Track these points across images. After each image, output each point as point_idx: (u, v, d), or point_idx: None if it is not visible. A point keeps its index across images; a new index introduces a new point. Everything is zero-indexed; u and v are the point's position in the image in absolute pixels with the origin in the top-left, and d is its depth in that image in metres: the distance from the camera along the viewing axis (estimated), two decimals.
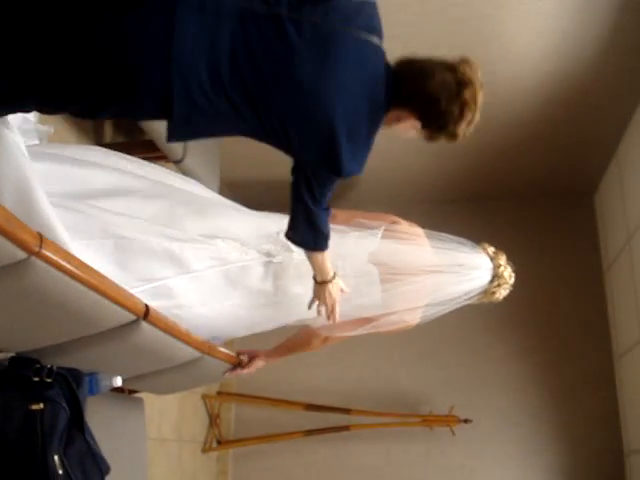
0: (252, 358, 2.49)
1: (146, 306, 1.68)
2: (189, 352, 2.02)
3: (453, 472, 5.24)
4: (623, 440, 5.05)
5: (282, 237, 2.22)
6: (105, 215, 1.97)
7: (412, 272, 2.41)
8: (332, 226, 2.20)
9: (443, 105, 1.93)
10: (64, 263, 1.31)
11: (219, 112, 1.76)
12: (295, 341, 2.53)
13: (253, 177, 5.51)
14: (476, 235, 5.61)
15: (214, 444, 5.28)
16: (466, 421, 4.98)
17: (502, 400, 5.24)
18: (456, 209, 5.77)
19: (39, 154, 2.00)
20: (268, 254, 2.35)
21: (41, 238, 1.25)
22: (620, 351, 5.09)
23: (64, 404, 1.72)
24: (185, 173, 3.80)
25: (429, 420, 5.11)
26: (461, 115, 1.98)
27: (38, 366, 1.74)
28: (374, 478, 5.31)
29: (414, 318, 2.45)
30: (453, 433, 5.10)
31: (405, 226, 2.59)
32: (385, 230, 2.48)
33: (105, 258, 1.89)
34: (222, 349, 2.25)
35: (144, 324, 1.70)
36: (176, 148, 3.56)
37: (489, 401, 5.25)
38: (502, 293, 2.61)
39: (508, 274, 2.62)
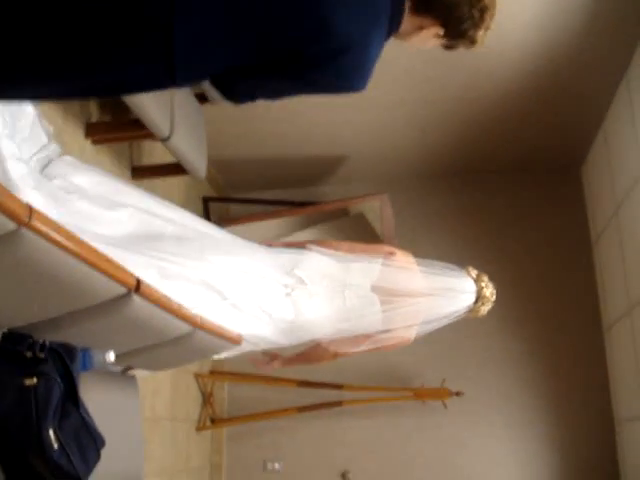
0: (273, 358, 2.96)
1: (137, 279, 1.68)
2: (181, 326, 2.02)
3: (445, 445, 5.29)
4: (613, 409, 5.10)
5: (297, 272, 2.69)
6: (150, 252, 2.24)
7: (408, 296, 2.79)
8: (338, 255, 2.78)
9: (465, 10, 1.95)
10: (54, 234, 1.31)
11: None
12: (310, 355, 2.93)
13: (241, 156, 5.50)
14: (464, 209, 5.65)
15: (208, 423, 5.30)
16: (458, 394, 5.02)
17: (493, 373, 5.29)
18: (444, 184, 5.78)
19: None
20: (286, 286, 2.69)
21: (30, 209, 1.24)
22: (609, 322, 5.13)
23: (58, 379, 1.72)
24: (172, 151, 3.79)
25: (421, 394, 5.15)
26: (481, 19, 2.01)
27: (31, 341, 1.73)
28: (367, 452, 5.35)
29: (410, 334, 2.83)
30: (445, 406, 5.14)
31: (400, 255, 2.91)
32: (383, 260, 2.82)
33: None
34: (214, 323, 2.25)
35: (135, 297, 1.70)
36: (163, 126, 3.53)
37: (480, 374, 5.30)
38: (485, 309, 3.00)
39: (490, 293, 2.99)
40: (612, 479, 5.00)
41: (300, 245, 2.88)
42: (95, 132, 3.74)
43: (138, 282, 1.68)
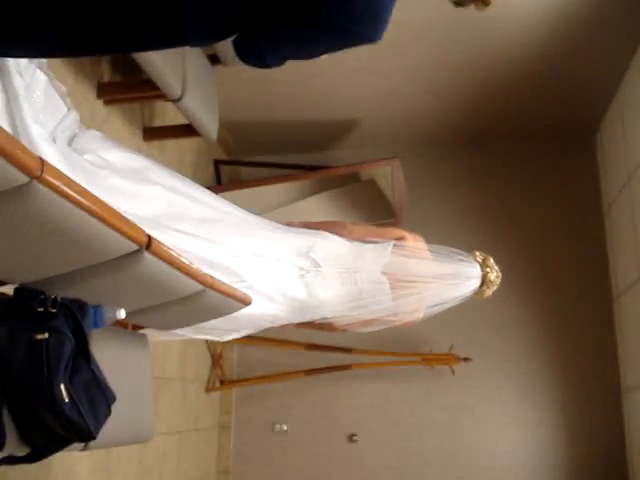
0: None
1: (148, 236, 1.68)
2: (192, 285, 2.02)
3: (453, 410, 5.33)
4: (621, 377, 5.12)
5: (312, 255, 2.84)
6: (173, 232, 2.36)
7: (416, 280, 2.91)
8: (351, 240, 2.93)
9: None
10: (66, 189, 1.30)
11: None
12: (322, 325, 3.03)
13: (252, 119, 5.48)
14: (476, 176, 5.62)
15: (217, 384, 5.36)
16: (465, 359, 5.05)
17: (501, 339, 5.30)
18: (456, 150, 5.75)
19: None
20: (301, 268, 2.83)
21: (42, 162, 1.24)
22: (619, 290, 5.13)
23: (69, 334, 1.73)
24: (184, 112, 3.78)
25: (429, 359, 5.18)
26: None
27: (42, 297, 1.74)
28: (375, 417, 5.40)
29: (418, 316, 3.00)
30: (453, 372, 5.17)
31: (410, 240, 3.03)
32: (394, 245, 2.95)
33: None
34: (225, 283, 2.26)
35: (147, 254, 1.70)
36: (174, 86, 3.52)
37: (488, 340, 5.31)
38: (490, 292, 3.14)
39: (494, 277, 3.12)
40: (617, 446, 5.03)
41: (317, 226, 3.01)
42: (107, 92, 3.73)
43: (149, 239, 1.68)
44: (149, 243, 1.68)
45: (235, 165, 5.92)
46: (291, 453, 5.46)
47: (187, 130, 4.15)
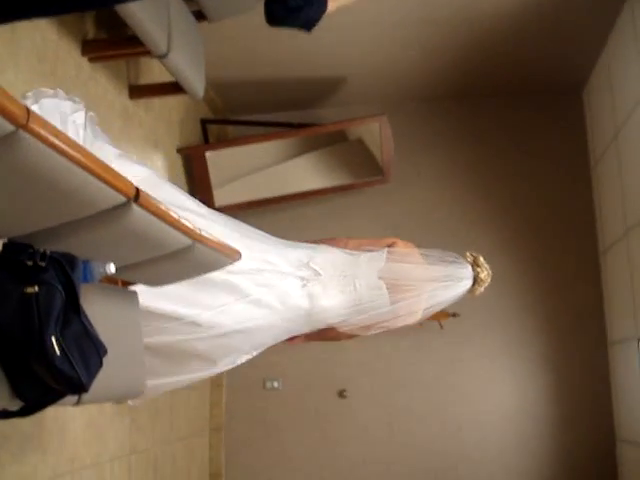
0: (294, 336, 3.21)
1: (136, 188, 1.67)
2: (180, 239, 2.02)
3: (441, 364, 5.39)
4: (607, 331, 5.18)
5: (312, 265, 3.04)
6: None
7: (412, 284, 3.09)
8: (346, 251, 3.14)
9: None
10: (52, 138, 1.30)
11: None
12: (327, 333, 3.20)
13: (239, 78, 5.43)
14: (464, 132, 5.62)
15: None
16: (454, 315, 5.09)
17: (489, 295, 5.28)
18: (444, 107, 5.74)
19: None
20: (303, 278, 3.03)
21: (28, 111, 1.23)
22: (605, 245, 5.17)
23: (59, 287, 1.73)
24: (170, 69, 3.74)
25: None
26: None
27: (31, 251, 1.74)
28: (364, 372, 5.46)
29: (415, 318, 3.17)
30: (441, 327, 5.22)
31: (401, 246, 3.21)
32: (388, 252, 3.13)
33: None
34: (214, 238, 2.26)
35: (135, 207, 1.70)
36: (160, 42, 3.48)
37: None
38: (482, 289, 3.27)
39: (485, 275, 3.24)
40: (603, 398, 5.11)
41: (315, 242, 3.23)
42: (91, 49, 3.69)
43: (137, 191, 1.68)
44: (137, 195, 1.68)
45: (222, 124, 5.89)
46: (283, 409, 5.52)
47: (173, 88, 4.11)
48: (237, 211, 5.54)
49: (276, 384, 5.52)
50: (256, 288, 2.93)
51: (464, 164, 5.65)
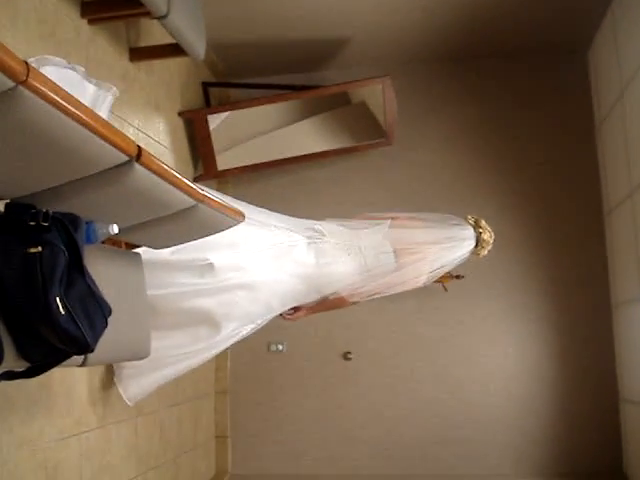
0: (296, 310, 3.36)
1: (138, 147, 1.66)
2: (184, 199, 2.02)
3: (445, 326, 5.40)
4: (611, 293, 5.18)
5: (317, 227, 3.24)
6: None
7: (417, 247, 3.19)
8: (350, 225, 3.29)
9: None
10: (52, 94, 1.28)
11: None
12: (332, 303, 3.34)
13: (241, 40, 5.37)
14: (468, 94, 5.56)
15: None
16: (458, 277, 5.09)
17: (493, 257, 5.29)
18: (447, 68, 5.68)
19: None
20: (310, 237, 3.20)
21: (28, 67, 1.22)
22: (610, 206, 5.14)
23: (62, 247, 1.72)
24: (170, 30, 3.70)
25: None
26: None
27: (34, 211, 1.73)
28: (369, 335, 5.47)
29: (421, 281, 3.27)
30: (445, 289, 5.22)
31: (404, 218, 3.33)
32: (390, 220, 3.27)
33: None
34: (217, 198, 2.25)
35: (137, 166, 1.69)
36: (159, 3, 3.44)
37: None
38: (485, 251, 3.35)
39: (488, 237, 3.33)
40: (607, 359, 5.13)
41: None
42: (91, 11, 3.64)
43: (140, 150, 1.66)
44: (139, 154, 1.67)
45: (224, 87, 5.83)
46: (287, 372, 5.55)
47: (174, 50, 4.08)
48: (240, 174, 5.52)
49: (280, 347, 5.54)
50: (264, 243, 3.11)
51: (468, 126, 5.60)
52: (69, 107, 1.35)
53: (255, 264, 3.08)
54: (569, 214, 5.38)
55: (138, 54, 4.20)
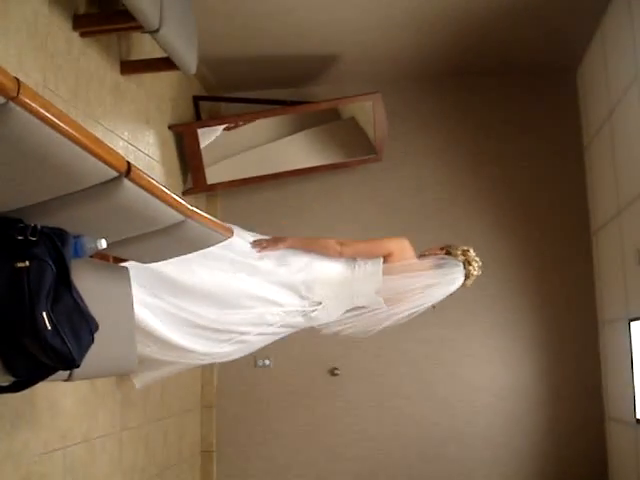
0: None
1: (128, 163, 1.66)
2: (172, 214, 2.02)
3: (432, 343, 5.40)
4: (598, 311, 5.20)
5: (311, 296, 3.20)
6: None
7: (407, 296, 3.26)
8: (341, 265, 3.24)
9: None
10: (42, 111, 1.28)
11: None
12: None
13: (232, 55, 5.39)
14: (457, 111, 5.59)
15: None
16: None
17: (483, 273, 5.35)
18: (437, 85, 5.71)
19: None
20: (304, 312, 3.23)
21: (19, 83, 1.22)
22: (597, 225, 5.17)
23: (50, 262, 1.72)
24: (162, 44, 3.71)
25: None
26: None
27: (22, 225, 1.73)
28: (356, 350, 5.46)
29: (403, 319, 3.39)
30: (434, 307, 5.21)
31: (397, 255, 3.25)
32: (384, 268, 3.22)
33: None
34: (205, 214, 2.25)
35: (126, 182, 1.69)
36: (152, 17, 3.44)
37: None
38: (471, 282, 3.41)
39: (475, 270, 3.36)
40: (594, 378, 5.14)
41: (308, 247, 3.28)
42: (83, 24, 3.65)
43: (129, 166, 1.66)
44: (129, 170, 1.67)
45: (214, 101, 5.84)
46: (274, 388, 5.53)
47: (165, 64, 4.08)
48: (229, 188, 5.53)
49: (267, 362, 5.52)
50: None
51: (456, 143, 5.63)
52: (59, 123, 1.35)
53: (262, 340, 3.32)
54: (557, 232, 5.41)
55: (129, 67, 4.21)
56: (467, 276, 3.35)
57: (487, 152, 5.58)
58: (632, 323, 4.34)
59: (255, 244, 3.23)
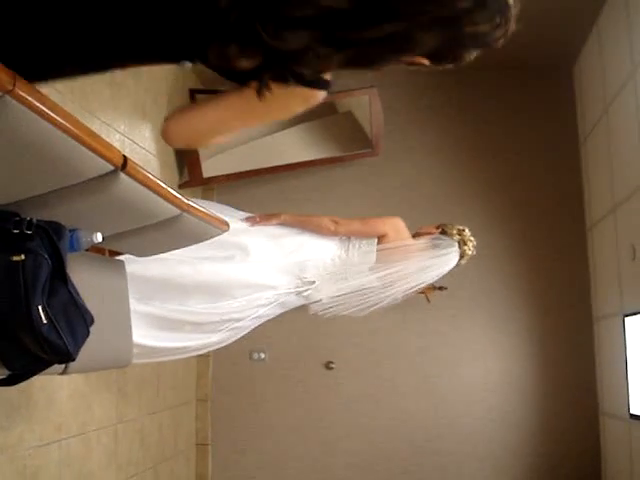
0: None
1: (124, 156, 1.66)
2: (168, 208, 2.01)
3: (428, 337, 5.42)
4: (592, 307, 5.22)
5: (305, 276, 3.12)
6: None
7: (402, 275, 3.18)
8: (335, 243, 3.19)
9: None
10: (38, 104, 1.28)
11: None
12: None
13: None
14: (454, 107, 5.58)
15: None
16: (441, 288, 5.10)
17: (476, 269, 5.33)
18: (434, 80, 5.69)
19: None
20: (298, 292, 3.16)
21: (15, 77, 1.21)
22: (592, 222, 5.19)
23: (46, 255, 1.71)
24: None
25: None
26: None
27: (17, 219, 1.72)
28: (351, 344, 5.48)
29: (398, 297, 3.27)
30: (428, 300, 5.23)
31: (392, 236, 3.23)
32: (378, 248, 3.19)
33: None
34: (202, 208, 2.25)
35: (122, 175, 1.68)
36: None
37: (464, 270, 5.34)
38: (466, 261, 3.38)
39: (471, 251, 3.34)
40: (588, 373, 5.16)
41: (302, 224, 3.23)
42: None
43: (125, 159, 1.66)
44: (125, 163, 1.66)
45: (211, 94, 5.82)
46: (269, 381, 5.54)
47: None
48: (225, 182, 5.52)
49: (262, 355, 5.53)
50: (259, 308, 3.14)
51: (453, 139, 5.64)
52: (56, 117, 1.34)
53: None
54: (552, 228, 5.42)
55: None
56: (462, 255, 3.33)
57: (483, 148, 5.58)
58: (627, 318, 4.36)
59: (248, 220, 3.19)
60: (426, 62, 1.51)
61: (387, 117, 5.41)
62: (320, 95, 1.60)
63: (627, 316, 4.36)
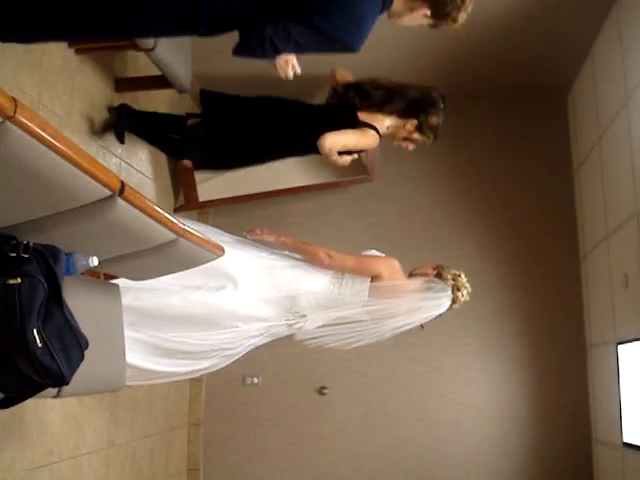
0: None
1: (122, 182, 1.68)
2: (164, 233, 2.03)
3: (420, 364, 5.42)
4: (586, 335, 5.22)
5: (297, 309, 3.14)
6: None
7: (393, 316, 3.21)
8: (328, 278, 3.19)
9: None
10: (39, 130, 1.30)
11: None
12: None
13: (226, 73, 5.41)
14: (449, 134, 5.63)
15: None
16: (422, 327, 5.09)
17: (472, 297, 5.37)
18: None
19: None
20: (289, 325, 3.19)
21: (16, 103, 1.23)
22: (586, 250, 5.21)
23: (42, 279, 1.72)
24: (156, 63, 3.74)
25: None
26: (463, 3, 2.69)
27: (14, 242, 1.74)
28: (344, 370, 5.47)
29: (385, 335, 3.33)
30: (422, 327, 5.22)
31: (386, 277, 3.20)
32: (371, 288, 3.18)
33: None
34: (198, 233, 2.27)
35: (120, 200, 1.70)
36: None
37: None
38: (458, 307, 3.38)
39: (464, 296, 3.34)
40: (581, 400, 5.16)
41: (297, 250, 3.28)
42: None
43: (123, 185, 1.68)
44: (122, 189, 1.68)
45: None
46: (262, 406, 5.52)
47: (160, 81, 4.11)
48: (221, 206, 5.54)
49: (256, 380, 5.52)
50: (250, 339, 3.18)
51: (447, 166, 5.67)
52: (55, 143, 1.36)
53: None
54: (546, 256, 5.44)
55: (123, 85, 4.24)
56: (454, 301, 3.32)
57: (477, 174, 5.62)
58: (620, 346, 4.37)
59: (249, 232, 3.30)
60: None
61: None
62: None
63: (620, 344, 4.37)
